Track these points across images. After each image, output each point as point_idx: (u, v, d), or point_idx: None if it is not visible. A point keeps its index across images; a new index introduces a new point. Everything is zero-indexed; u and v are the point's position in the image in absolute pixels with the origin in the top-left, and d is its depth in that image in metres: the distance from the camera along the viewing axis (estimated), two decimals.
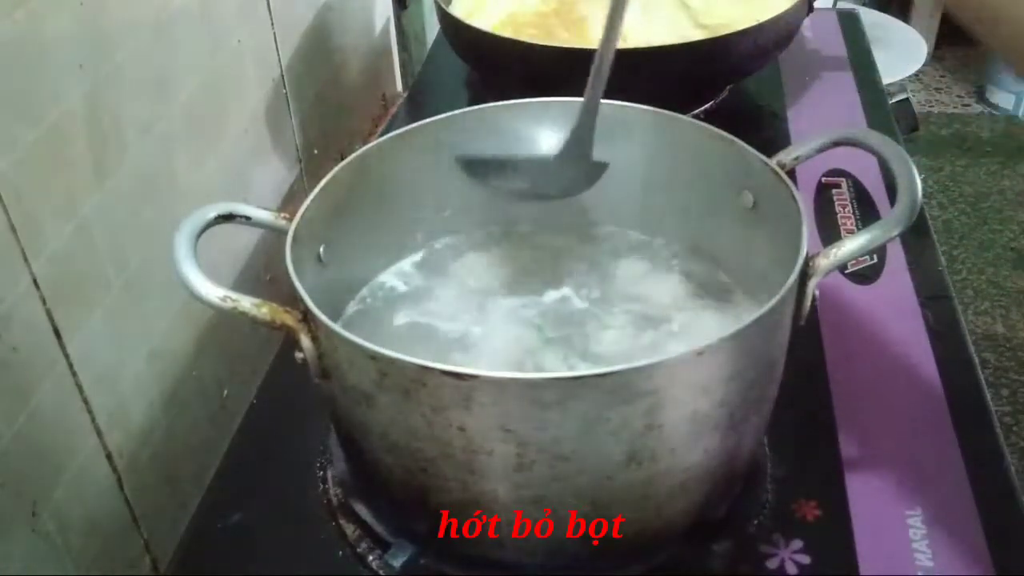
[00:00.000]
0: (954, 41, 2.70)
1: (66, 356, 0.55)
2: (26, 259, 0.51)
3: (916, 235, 0.75)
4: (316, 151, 0.95)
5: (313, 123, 0.94)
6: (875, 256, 0.74)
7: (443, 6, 0.90)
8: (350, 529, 0.55)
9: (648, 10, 0.90)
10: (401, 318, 0.60)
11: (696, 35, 0.87)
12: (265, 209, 0.52)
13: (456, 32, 0.89)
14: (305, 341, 0.47)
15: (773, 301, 0.44)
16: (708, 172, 0.58)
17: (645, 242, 0.64)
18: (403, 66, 1.23)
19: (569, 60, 0.82)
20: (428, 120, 0.60)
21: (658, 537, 0.51)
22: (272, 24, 0.83)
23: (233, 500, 0.58)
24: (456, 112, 0.61)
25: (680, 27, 0.89)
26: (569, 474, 0.45)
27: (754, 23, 0.83)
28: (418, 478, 0.47)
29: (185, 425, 0.69)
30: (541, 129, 0.62)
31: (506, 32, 0.89)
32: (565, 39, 0.88)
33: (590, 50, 0.87)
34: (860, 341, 0.67)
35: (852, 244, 0.48)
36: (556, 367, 0.55)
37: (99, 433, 0.58)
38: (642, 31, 0.88)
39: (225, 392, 0.75)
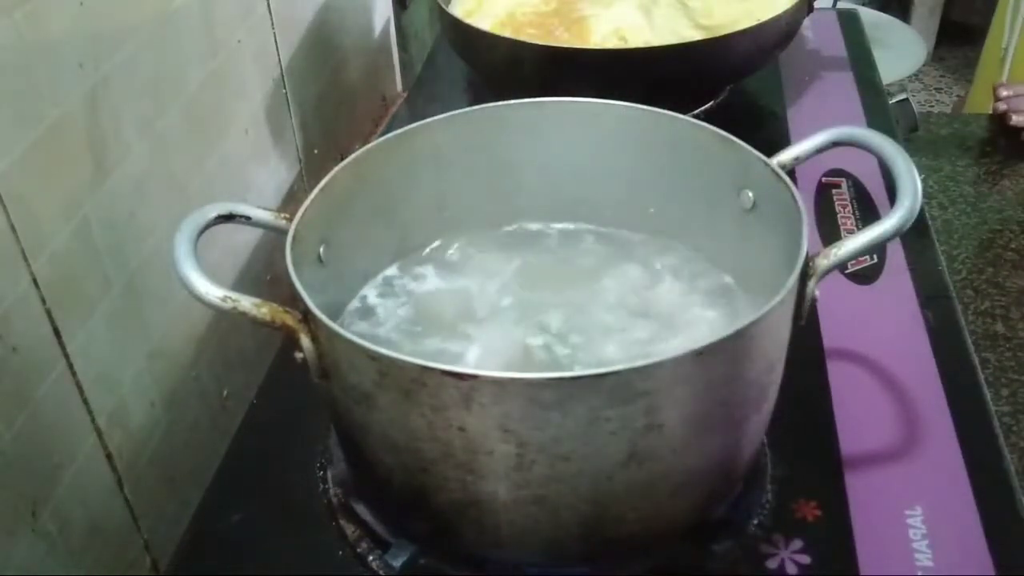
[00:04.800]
0: (954, 41, 2.71)
1: (66, 356, 0.55)
2: (26, 259, 0.51)
3: (916, 235, 0.75)
4: (316, 151, 0.95)
5: (313, 123, 0.94)
6: (875, 256, 0.74)
7: (443, 6, 0.90)
8: (350, 529, 0.55)
9: (648, 10, 0.90)
10: (401, 318, 0.60)
11: (696, 35, 0.87)
12: (265, 209, 0.52)
13: (456, 32, 0.89)
14: (305, 341, 0.47)
15: (773, 301, 0.44)
16: (708, 172, 0.58)
17: (645, 242, 0.64)
18: (403, 66, 1.23)
19: (569, 60, 0.82)
20: (428, 120, 0.60)
21: (658, 537, 0.51)
22: (272, 24, 0.83)
23: (233, 500, 0.58)
24: (456, 112, 0.61)
25: (680, 27, 0.89)
26: (569, 474, 0.45)
27: (754, 23, 0.83)
28: (418, 478, 0.48)
29: (185, 425, 0.69)
30: (541, 129, 0.62)
31: (506, 32, 0.89)
32: (565, 39, 0.88)
33: (590, 50, 0.88)
34: (860, 341, 0.66)
35: (852, 244, 0.48)
36: (556, 367, 0.55)
37: (99, 433, 0.58)
38: (642, 31, 0.88)
39: (225, 392, 0.75)
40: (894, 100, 1.03)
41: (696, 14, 0.91)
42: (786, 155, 0.54)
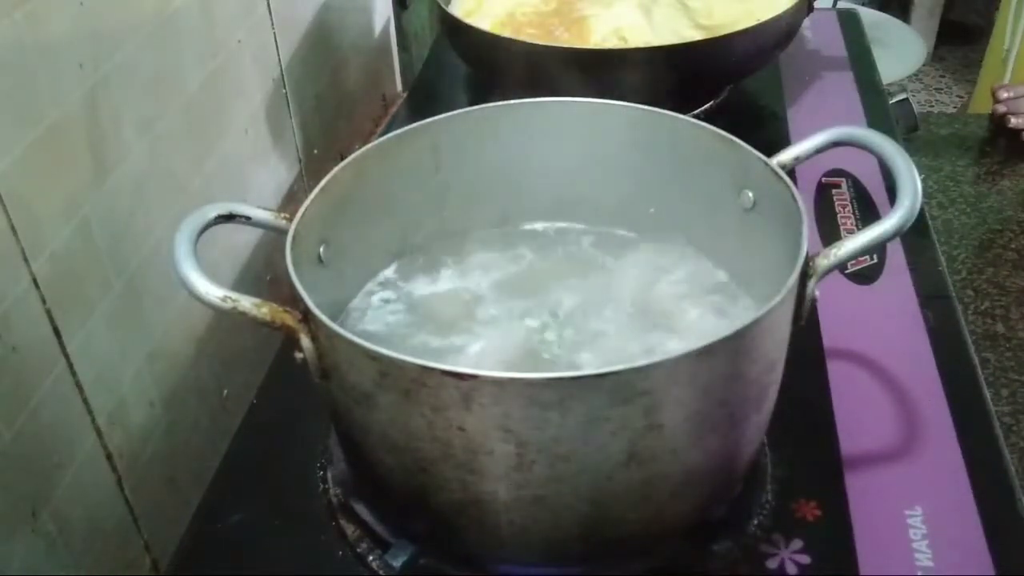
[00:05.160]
0: (954, 41, 2.71)
1: (66, 356, 0.55)
2: (26, 259, 0.51)
3: (916, 235, 0.75)
4: (316, 151, 0.95)
5: (313, 123, 0.94)
6: (875, 256, 0.74)
7: (443, 6, 0.90)
8: (350, 529, 0.55)
9: (648, 10, 0.90)
10: (401, 318, 0.60)
11: (696, 35, 0.87)
12: (265, 209, 0.52)
13: (455, 32, 0.89)
14: (305, 341, 0.47)
15: (773, 301, 0.44)
16: (708, 172, 0.58)
17: (645, 242, 0.64)
18: (403, 66, 1.23)
19: (569, 60, 0.82)
20: (428, 120, 0.60)
21: (658, 537, 0.51)
22: (272, 24, 0.83)
23: (233, 500, 0.58)
24: (456, 112, 0.61)
25: (680, 27, 0.89)
26: (569, 474, 0.45)
27: (754, 23, 0.83)
28: (418, 478, 0.47)
29: (185, 425, 0.69)
30: (541, 129, 0.62)
31: (506, 32, 0.89)
32: (565, 39, 0.88)
33: (590, 50, 0.88)
34: (860, 341, 0.67)
35: (852, 244, 0.48)
36: (556, 367, 0.55)
37: (99, 433, 0.58)
38: (642, 31, 0.88)
39: (225, 392, 0.75)
40: (894, 100, 1.03)
41: (696, 14, 0.91)
42: (786, 155, 0.54)
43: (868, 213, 0.79)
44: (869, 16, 1.66)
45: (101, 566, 0.58)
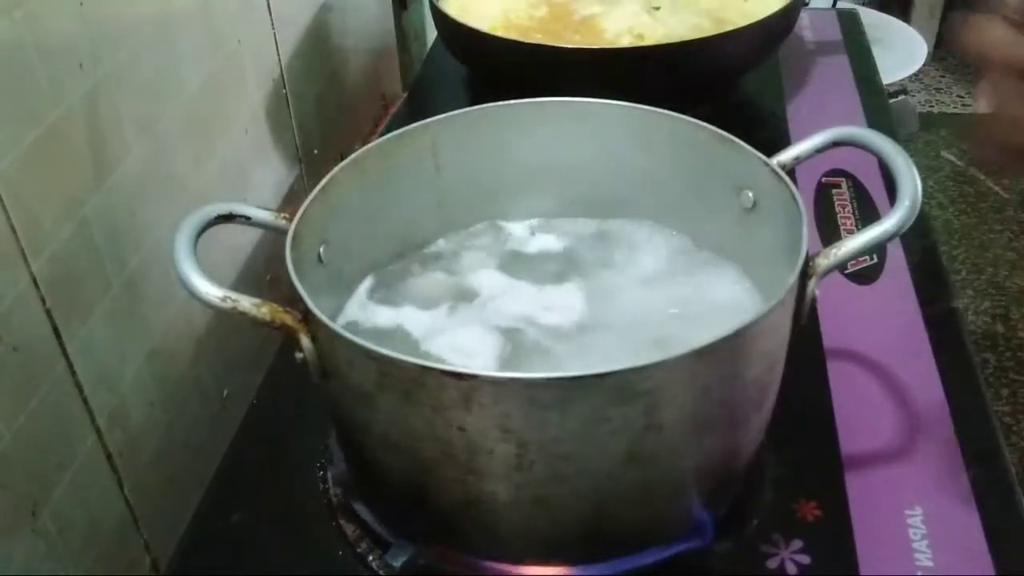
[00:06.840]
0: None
1: (66, 356, 0.55)
2: (26, 259, 0.51)
3: (916, 235, 0.75)
4: (316, 151, 0.95)
5: (313, 123, 0.94)
6: (875, 256, 0.74)
7: (438, 5, 0.90)
8: (350, 529, 0.55)
9: (649, 10, 0.90)
10: (402, 318, 0.60)
11: (697, 32, 0.88)
12: (265, 209, 0.52)
13: (450, 31, 0.89)
14: (305, 341, 0.47)
15: (773, 301, 0.44)
16: (708, 172, 0.58)
17: (644, 241, 0.64)
18: (403, 66, 1.22)
19: (568, 60, 0.82)
20: (428, 120, 0.60)
21: (658, 537, 0.51)
22: (272, 24, 0.83)
23: (233, 500, 0.58)
24: (456, 112, 0.61)
25: (684, 23, 0.89)
26: (569, 474, 0.45)
27: (748, 19, 0.83)
28: (418, 478, 0.48)
29: (185, 425, 0.69)
30: (541, 129, 0.62)
31: (499, 32, 0.89)
32: (576, 40, 0.88)
33: (589, 50, 0.88)
34: (860, 341, 0.66)
35: (852, 244, 0.48)
36: (556, 366, 0.55)
37: (99, 433, 0.58)
38: (653, 29, 0.88)
39: (225, 392, 0.75)
40: (894, 100, 1.03)
41: (693, 12, 0.91)
42: (786, 155, 0.54)
43: (868, 213, 0.79)
44: (869, 16, 1.66)
45: (101, 566, 0.58)
